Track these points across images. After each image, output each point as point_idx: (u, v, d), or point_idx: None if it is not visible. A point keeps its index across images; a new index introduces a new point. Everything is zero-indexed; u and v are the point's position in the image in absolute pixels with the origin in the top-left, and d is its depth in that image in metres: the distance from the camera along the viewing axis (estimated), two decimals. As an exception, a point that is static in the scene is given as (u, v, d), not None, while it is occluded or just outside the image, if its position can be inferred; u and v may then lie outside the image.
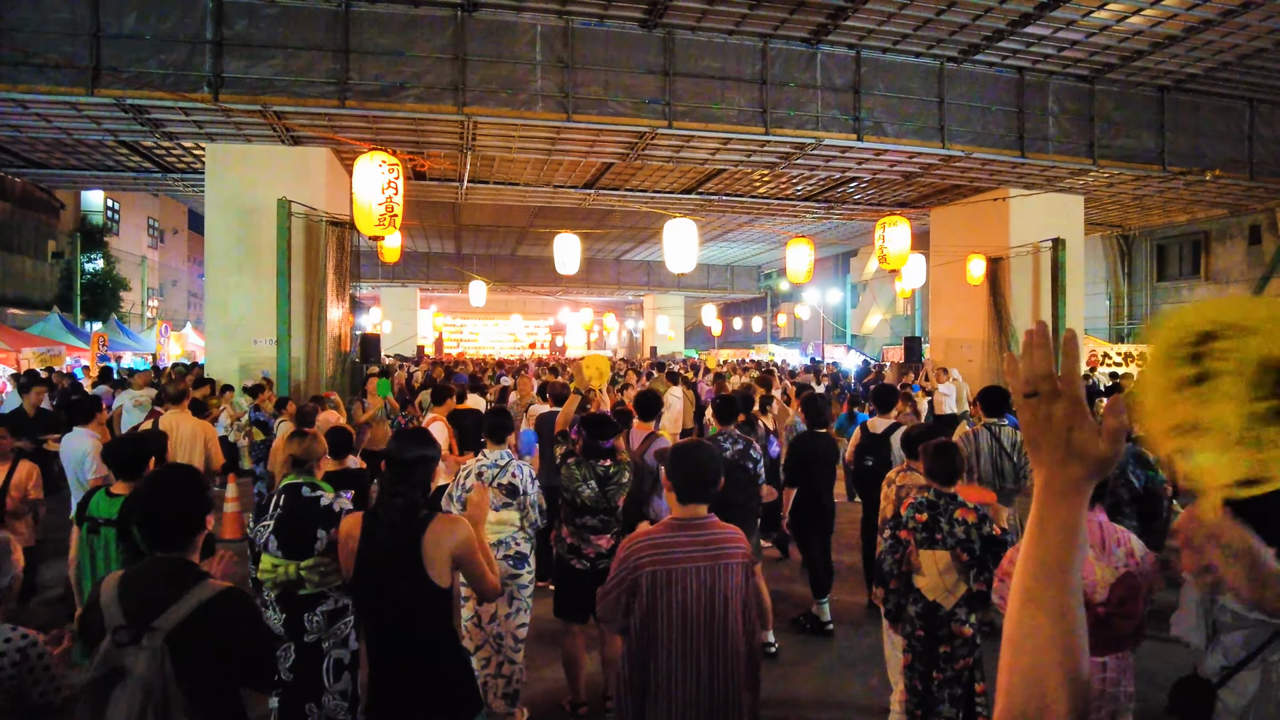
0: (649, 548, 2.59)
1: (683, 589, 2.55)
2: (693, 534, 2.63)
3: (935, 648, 3.51)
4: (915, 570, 3.59)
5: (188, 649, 1.97)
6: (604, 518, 4.29)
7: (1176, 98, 12.97)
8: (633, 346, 45.41)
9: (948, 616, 3.50)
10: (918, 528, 3.59)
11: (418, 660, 2.58)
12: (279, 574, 3.01)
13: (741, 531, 2.76)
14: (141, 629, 1.95)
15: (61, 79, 9.48)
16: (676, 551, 2.58)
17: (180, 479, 2.24)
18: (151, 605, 2.00)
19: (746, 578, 2.68)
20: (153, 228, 28.60)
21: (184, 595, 2.02)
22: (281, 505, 3.11)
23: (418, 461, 2.68)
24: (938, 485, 3.71)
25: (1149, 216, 18.25)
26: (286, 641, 3.08)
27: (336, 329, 12.22)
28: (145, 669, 1.90)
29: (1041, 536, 0.92)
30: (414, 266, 30.72)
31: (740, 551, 2.68)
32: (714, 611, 2.57)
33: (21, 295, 19.81)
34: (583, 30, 10.58)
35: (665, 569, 2.55)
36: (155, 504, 2.14)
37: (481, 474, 4.24)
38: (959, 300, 16.00)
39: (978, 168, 13.29)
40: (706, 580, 2.57)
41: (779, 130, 11.27)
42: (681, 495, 2.69)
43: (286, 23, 9.89)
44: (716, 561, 2.60)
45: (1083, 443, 0.90)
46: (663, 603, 2.53)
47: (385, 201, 8.43)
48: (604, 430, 4.29)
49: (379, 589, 2.60)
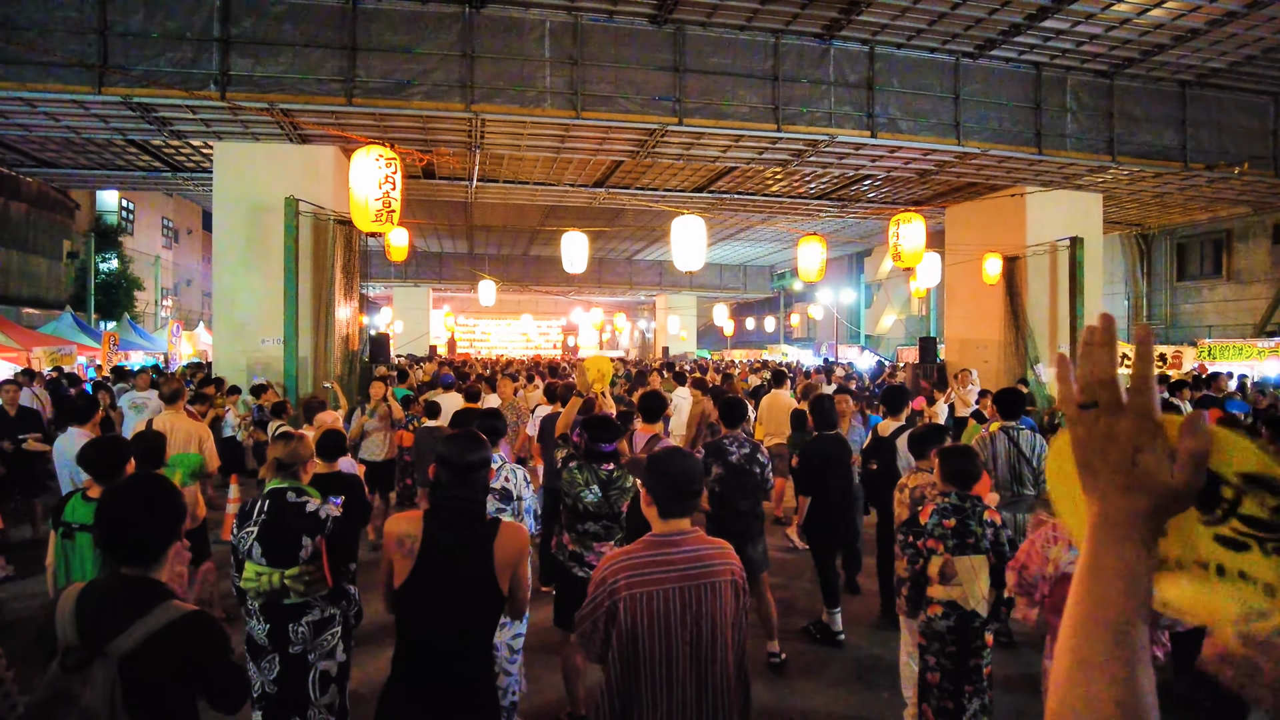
0: (626, 568, 2.37)
1: (664, 613, 2.33)
2: (674, 551, 2.40)
3: (967, 660, 3.40)
4: (949, 579, 3.42)
5: (142, 675, 1.83)
6: (607, 524, 4.14)
7: (1199, 93, 12.69)
8: (645, 347, 45.27)
9: (981, 626, 3.41)
10: (946, 534, 3.45)
11: (457, 667, 2.46)
12: (263, 583, 2.88)
13: (729, 547, 2.51)
14: (94, 651, 1.82)
15: (69, 77, 9.45)
16: (656, 572, 2.36)
17: (148, 490, 2.06)
18: (108, 626, 1.86)
19: (736, 596, 2.44)
20: (167, 227, 28.74)
21: (143, 617, 1.88)
22: (265, 511, 2.98)
23: (478, 465, 2.59)
24: (956, 488, 3.58)
25: (1169, 215, 17.93)
26: (271, 653, 2.96)
27: (345, 328, 12.16)
28: (92, 697, 1.77)
29: (1095, 584, 0.74)
30: (426, 266, 30.76)
31: (728, 568, 2.44)
32: (700, 635, 2.35)
33: (37, 295, 19.91)
34: (592, 26, 10.45)
35: (644, 591, 2.33)
36: (120, 516, 1.98)
37: None
38: (975, 300, 15.77)
39: (994, 165, 13.06)
40: (691, 602, 2.35)
41: (791, 127, 11.11)
42: (662, 509, 2.46)
43: (294, 20, 9.82)
44: (702, 580, 2.38)
45: (1152, 469, 0.73)
46: (643, 628, 2.31)
47: (382, 197, 8.29)
48: (606, 433, 4.14)
49: (442, 592, 2.47)
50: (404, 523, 2.54)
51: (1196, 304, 20.67)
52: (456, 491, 2.54)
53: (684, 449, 2.62)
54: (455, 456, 2.56)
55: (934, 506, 3.56)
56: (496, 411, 4.36)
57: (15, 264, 19.03)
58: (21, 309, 18.56)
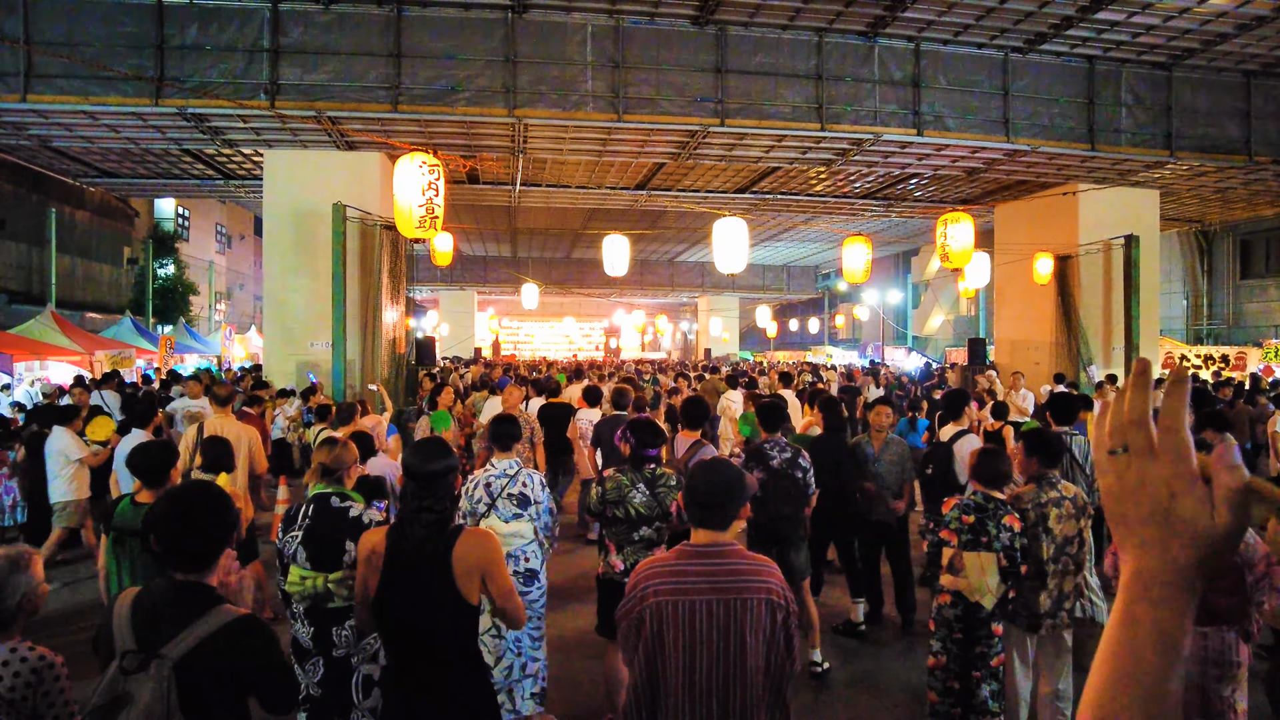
0: (658, 575, 2.32)
1: (690, 625, 2.25)
2: (709, 563, 2.32)
3: (973, 648, 3.59)
4: (956, 571, 3.56)
5: (196, 678, 1.88)
6: (659, 525, 4.05)
7: (1264, 83, 12.20)
8: (687, 348, 45.17)
9: (987, 617, 3.57)
10: (962, 529, 3.58)
11: (441, 679, 2.46)
12: (307, 586, 2.92)
13: (771, 566, 2.39)
14: (150, 655, 1.87)
15: (128, 90, 9.78)
16: (687, 581, 2.29)
17: (201, 498, 2.10)
18: (162, 630, 1.91)
19: (773, 616, 2.29)
20: (220, 233, 29.53)
21: (195, 622, 1.93)
22: (310, 516, 3.02)
23: (442, 473, 2.56)
24: (985, 488, 3.69)
25: (1232, 210, 17.27)
26: (315, 655, 2.99)
27: (391, 332, 12.34)
28: (150, 698, 1.82)
29: (1131, 647, 0.67)
30: (471, 270, 31.13)
31: (765, 586, 2.31)
32: (729, 653, 2.25)
33: (99, 300, 20.64)
34: (633, 29, 10.45)
35: (672, 600, 2.26)
36: (173, 525, 2.02)
37: (490, 484, 4.09)
38: (1025, 300, 15.39)
39: (1044, 162, 12.73)
40: (720, 617, 2.25)
41: (835, 126, 10.96)
42: (698, 519, 2.40)
43: (340, 29, 10.01)
44: (736, 596, 2.27)
45: (1190, 515, 0.66)
46: (669, 638, 2.25)
47: (426, 203, 8.37)
48: (654, 437, 4.12)
49: (406, 605, 2.48)
50: (371, 538, 2.57)
51: (1262, 303, 19.87)
52: (419, 502, 2.52)
53: (726, 461, 2.54)
54: (416, 466, 2.56)
55: (957, 500, 3.69)
56: (511, 417, 4.35)
57: (79, 270, 19.75)
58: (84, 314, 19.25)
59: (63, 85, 9.70)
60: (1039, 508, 3.75)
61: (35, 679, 2.14)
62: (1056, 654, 3.84)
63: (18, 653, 2.18)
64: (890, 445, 5.86)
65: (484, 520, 4.09)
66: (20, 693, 2.11)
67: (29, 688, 2.13)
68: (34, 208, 17.03)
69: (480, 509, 4.08)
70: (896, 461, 5.78)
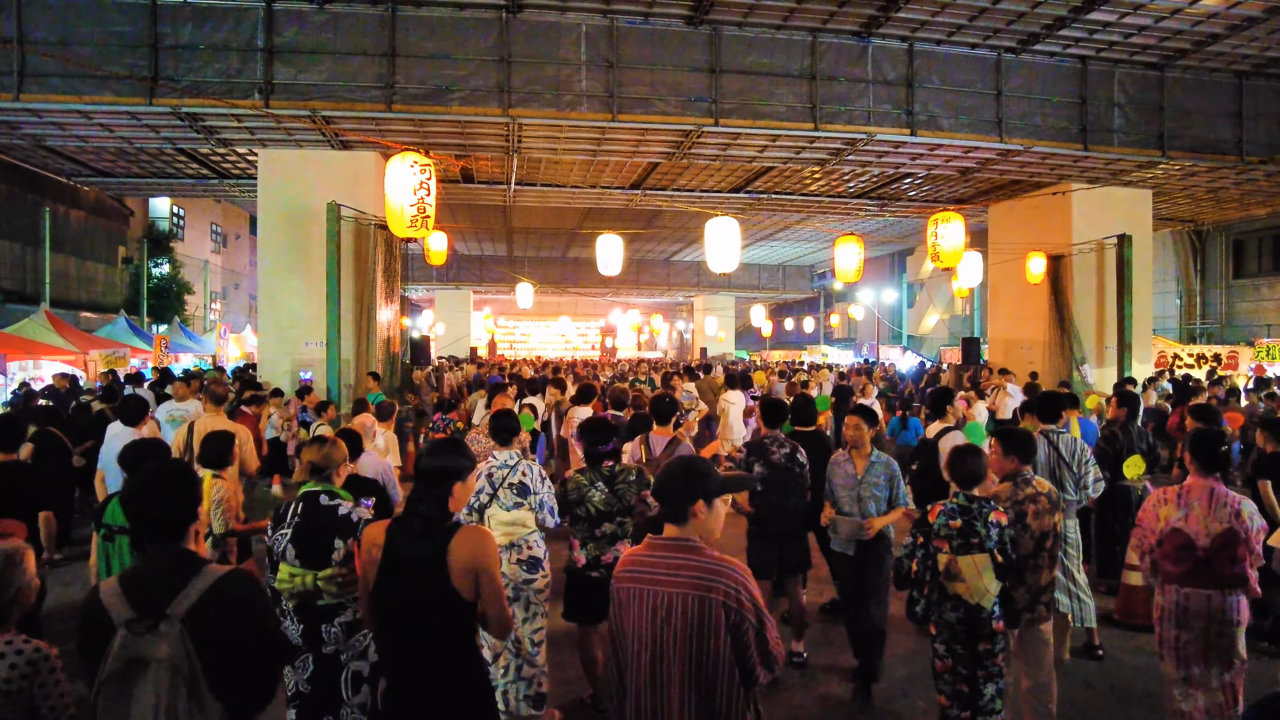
0: (627, 562, 2.44)
1: (639, 613, 2.33)
2: (664, 556, 2.36)
3: (977, 647, 3.57)
4: (953, 577, 3.54)
5: (204, 631, 1.99)
6: (620, 520, 4.19)
7: (1256, 83, 12.26)
8: (683, 348, 45.20)
9: (989, 616, 3.56)
10: (952, 535, 3.57)
11: (437, 676, 2.47)
12: (296, 584, 2.94)
13: (734, 567, 2.34)
14: (157, 617, 1.97)
15: (122, 89, 9.77)
16: (642, 570, 2.37)
17: (165, 471, 2.26)
18: (160, 595, 2.02)
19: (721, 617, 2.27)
20: (216, 233, 29.48)
21: (191, 581, 2.05)
22: (299, 514, 3.03)
23: (446, 472, 2.57)
24: (964, 489, 3.67)
25: (1224, 210, 17.34)
26: (305, 653, 3.01)
27: (386, 331, 12.35)
28: (170, 650, 1.93)
29: None
30: (467, 269, 31.13)
31: (711, 586, 2.27)
32: (671, 647, 2.28)
33: (94, 300, 20.58)
34: (627, 29, 10.47)
35: (630, 587, 2.36)
36: (144, 497, 2.16)
37: (491, 475, 4.17)
38: (1019, 300, 15.44)
39: (1037, 162, 12.78)
40: (663, 610, 2.29)
41: (829, 126, 11.00)
42: (663, 514, 2.46)
43: (334, 29, 10.02)
44: (682, 591, 2.29)
45: None
46: (628, 623, 2.36)
47: (417, 202, 8.37)
48: (602, 434, 4.24)
49: (401, 601, 2.49)
50: (372, 531, 2.60)
51: (1254, 302, 19.95)
52: (422, 498, 2.55)
53: (686, 457, 2.56)
54: (422, 463, 2.61)
55: (941, 507, 3.65)
56: (510, 412, 4.42)
57: (74, 270, 19.70)
58: (80, 313, 19.21)
59: (56, 84, 9.68)
60: (1016, 505, 3.79)
61: (31, 670, 2.18)
62: (1037, 648, 3.87)
63: (13, 645, 2.21)
64: (875, 467, 4.72)
65: (486, 510, 4.16)
66: (16, 684, 2.15)
67: (25, 679, 2.16)
68: (28, 207, 16.98)
69: (483, 499, 4.16)
70: (885, 485, 4.72)
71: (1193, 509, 3.55)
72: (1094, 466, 5.04)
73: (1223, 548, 3.48)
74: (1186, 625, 3.57)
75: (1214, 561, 3.50)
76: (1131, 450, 6.08)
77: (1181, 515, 3.53)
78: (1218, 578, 3.52)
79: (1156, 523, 3.62)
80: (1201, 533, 3.50)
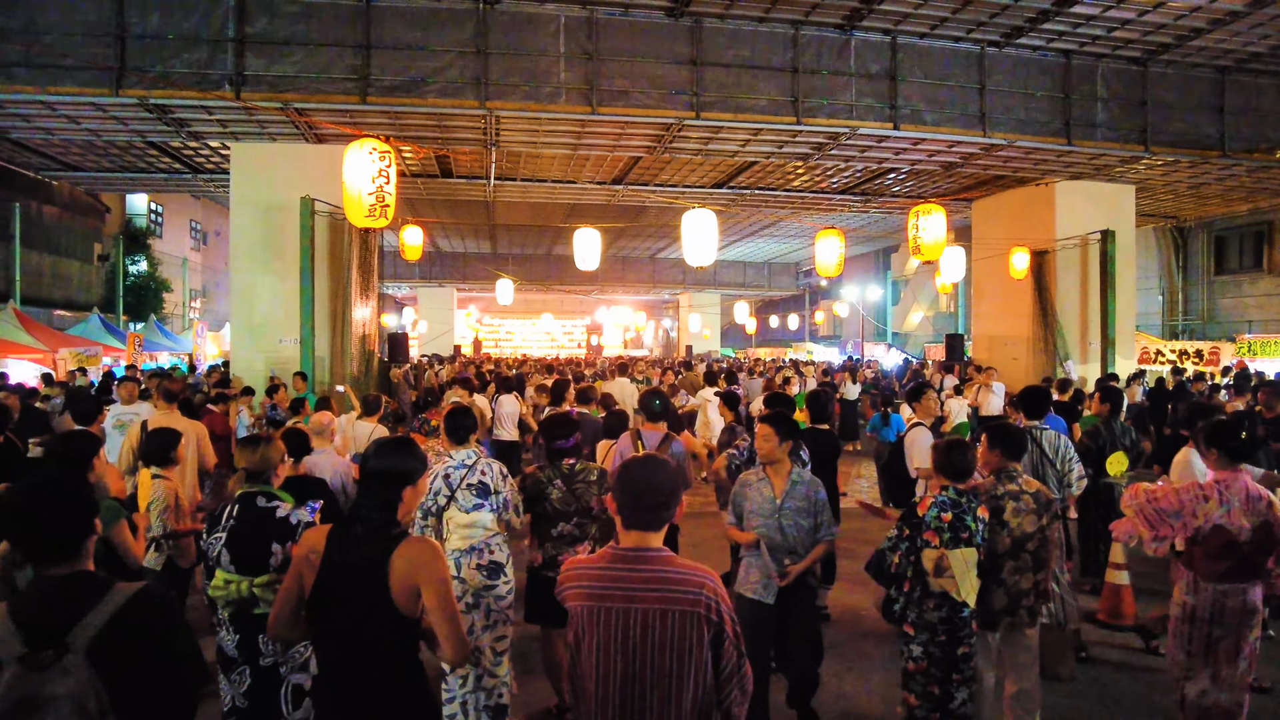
0: (577, 577, 2.15)
1: (604, 634, 2.07)
2: (630, 568, 2.10)
3: (956, 649, 3.46)
4: (943, 572, 3.42)
5: (112, 661, 1.76)
6: (579, 521, 4.04)
7: (1238, 78, 12.22)
8: (669, 345, 45.07)
9: (969, 616, 3.46)
10: (943, 527, 3.45)
11: (375, 696, 2.30)
12: (231, 591, 2.76)
13: (709, 575, 2.13)
14: (57, 649, 1.73)
15: (87, 80, 9.50)
16: (602, 587, 2.10)
17: (51, 486, 1.97)
18: (57, 624, 1.77)
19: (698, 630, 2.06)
20: (195, 230, 29.05)
21: (95, 606, 1.79)
22: (234, 516, 2.85)
23: (394, 475, 2.37)
24: (954, 483, 3.57)
25: (1206, 206, 17.38)
26: (241, 665, 2.83)
27: (362, 328, 12.12)
28: (74, 687, 1.70)
29: None
30: (450, 266, 30.89)
31: (691, 598, 2.07)
32: (643, 671, 2.05)
33: (69, 298, 20.19)
34: (607, 20, 10.31)
35: (588, 605, 2.09)
36: (30, 518, 1.88)
37: (449, 475, 3.99)
38: (1002, 296, 15.39)
39: (1021, 157, 12.71)
40: (635, 629, 2.05)
41: (811, 120, 10.88)
42: (626, 519, 2.18)
43: (308, 19, 9.79)
44: (654, 607, 2.05)
45: None
46: (585, 645, 2.08)
47: (376, 191, 8.15)
48: (561, 429, 4.12)
49: (338, 613, 2.30)
50: (312, 536, 2.39)
51: (1236, 298, 20.01)
52: (365, 502, 2.36)
53: (658, 456, 2.35)
54: (368, 464, 2.39)
55: (931, 499, 3.54)
56: (466, 409, 4.23)
57: (48, 267, 19.31)
58: (54, 311, 18.84)
59: (18, 74, 9.40)
60: (994, 500, 3.67)
61: None
62: (1021, 654, 3.74)
63: None
64: (798, 488, 3.88)
65: (445, 513, 3.97)
66: None
67: None
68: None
69: (440, 501, 3.96)
70: (806, 510, 3.86)
71: (1234, 505, 3.45)
72: (1077, 464, 4.93)
73: (1263, 541, 3.44)
74: (1221, 623, 3.47)
75: (1254, 555, 3.46)
76: (1114, 447, 5.98)
77: (1224, 511, 3.42)
78: (1253, 569, 3.49)
79: (1194, 518, 3.47)
80: (1244, 527, 3.43)
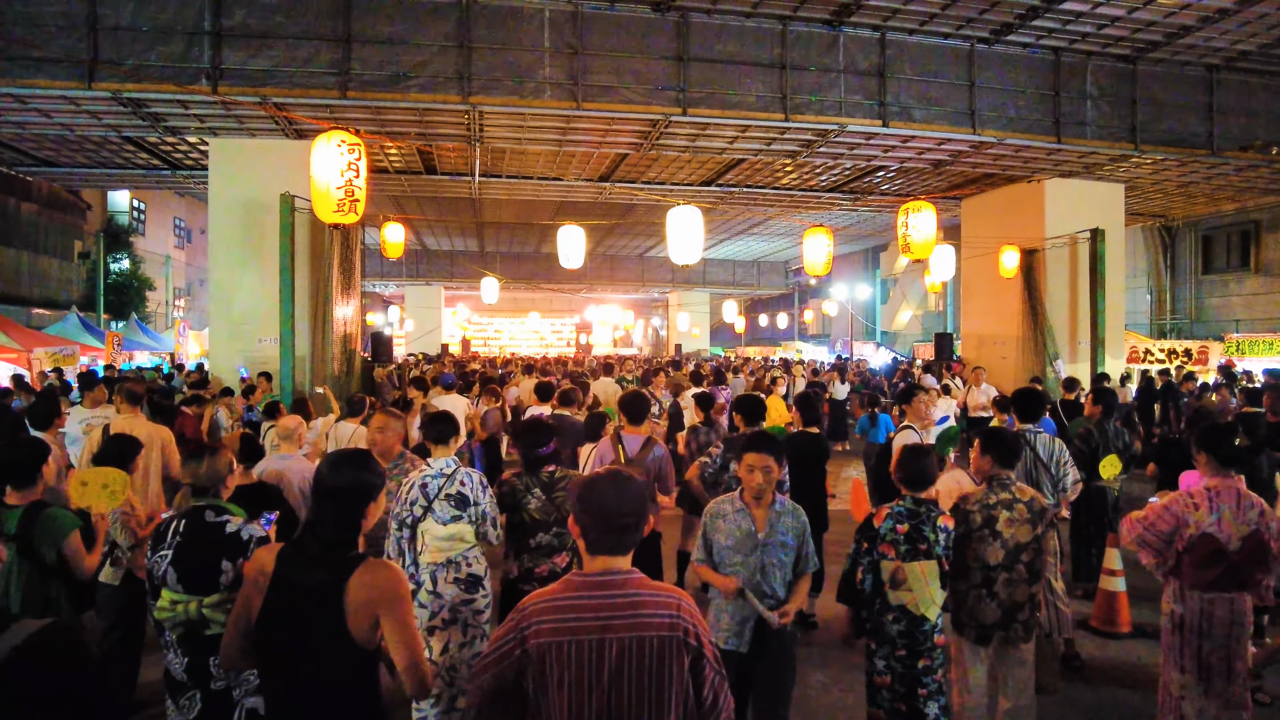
0: (541, 611, 1.93)
1: (578, 669, 1.88)
2: (601, 595, 1.93)
3: (917, 663, 3.32)
4: (899, 585, 3.31)
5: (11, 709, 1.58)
6: (559, 531, 3.88)
7: (1227, 77, 12.17)
8: (658, 344, 44.94)
9: (931, 629, 3.32)
10: (899, 540, 3.34)
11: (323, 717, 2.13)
12: (179, 612, 2.58)
13: (683, 598, 2.00)
14: None
15: (58, 73, 9.26)
16: (573, 618, 1.91)
17: None
18: None
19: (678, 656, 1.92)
20: (179, 228, 28.67)
21: None
22: (180, 532, 2.67)
23: (351, 490, 2.19)
24: (912, 492, 3.44)
25: (1195, 205, 17.37)
26: (191, 690, 2.65)
27: (344, 327, 11.91)
28: None
29: None
30: (437, 265, 30.65)
31: (669, 622, 1.92)
32: (623, 705, 1.88)
33: (48, 296, 19.85)
34: (592, 15, 10.14)
35: (556, 641, 1.89)
36: None
37: (426, 485, 3.80)
38: (992, 295, 15.31)
39: (1011, 155, 12.61)
40: (613, 660, 1.88)
41: (800, 117, 10.74)
42: (589, 543, 2.01)
43: (287, 12, 9.58)
44: (632, 635, 1.90)
45: None
46: (553, 683, 1.87)
47: (345, 185, 7.95)
48: (537, 436, 3.97)
49: (286, 640, 2.12)
50: (265, 554, 2.22)
51: (1223, 298, 20.04)
52: (321, 519, 2.18)
53: (623, 471, 2.18)
54: (324, 479, 2.21)
55: (888, 510, 3.42)
56: (447, 415, 4.05)
57: (26, 265, 18.97)
58: (32, 310, 18.51)
59: (-12, 67, 9.16)
60: (986, 509, 3.53)
61: None
62: (1015, 670, 3.60)
63: None
64: (783, 519, 3.31)
65: (420, 524, 3.79)
66: None
67: None
68: (-28, 199, 16.31)
69: (416, 512, 3.77)
70: (790, 545, 3.30)
71: (1224, 513, 3.36)
72: (1072, 468, 4.81)
73: (1252, 551, 3.35)
74: (1209, 634, 3.36)
75: (1243, 566, 3.37)
76: (1107, 450, 5.87)
77: (1214, 520, 3.33)
78: (1244, 580, 3.39)
79: (1185, 527, 3.37)
80: (1233, 536, 3.34)
